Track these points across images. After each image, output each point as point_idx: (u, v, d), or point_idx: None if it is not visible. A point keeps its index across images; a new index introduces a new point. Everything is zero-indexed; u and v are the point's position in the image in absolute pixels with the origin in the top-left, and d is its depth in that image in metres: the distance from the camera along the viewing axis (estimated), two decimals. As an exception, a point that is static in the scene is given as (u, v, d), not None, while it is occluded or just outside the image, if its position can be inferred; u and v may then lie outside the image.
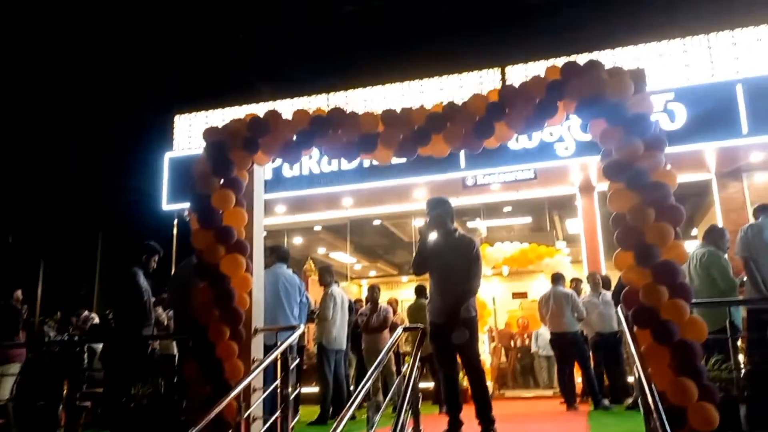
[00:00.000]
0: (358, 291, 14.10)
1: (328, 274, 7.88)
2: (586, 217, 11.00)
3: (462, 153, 9.60)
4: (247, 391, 4.61)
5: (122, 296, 6.40)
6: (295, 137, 4.99)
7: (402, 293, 13.64)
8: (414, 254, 5.58)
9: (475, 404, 5.13)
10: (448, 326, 5.16)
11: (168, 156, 11.06)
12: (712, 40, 9.65)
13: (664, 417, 3.24)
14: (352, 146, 5.00)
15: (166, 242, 10.20)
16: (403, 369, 4.56)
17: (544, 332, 10.26)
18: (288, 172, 10.23)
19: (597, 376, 8.31)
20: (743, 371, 4.74)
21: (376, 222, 13.12)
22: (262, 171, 5.49)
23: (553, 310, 8.37)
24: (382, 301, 9.25)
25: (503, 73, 10.17)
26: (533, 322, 12.08)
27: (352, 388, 8.40)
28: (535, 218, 12.93)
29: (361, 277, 15.56)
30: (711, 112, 8.93)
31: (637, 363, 3.80)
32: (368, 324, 9.05)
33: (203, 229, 4.90)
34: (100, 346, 8.00)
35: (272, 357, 4.56)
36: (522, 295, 14.10)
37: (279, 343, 4.76)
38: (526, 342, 12.74)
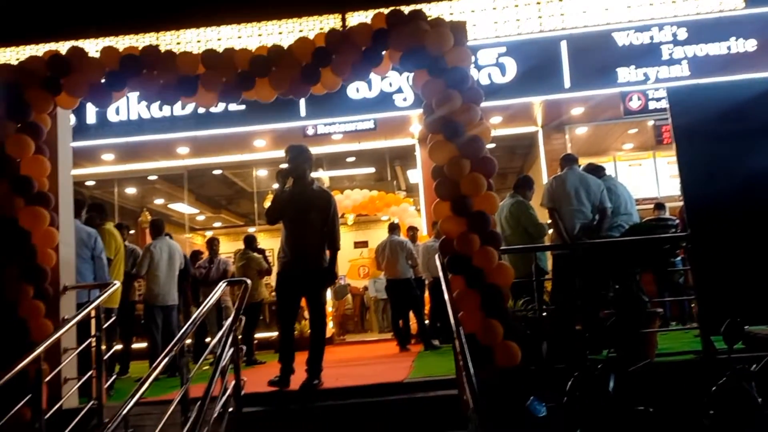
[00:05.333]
0: (202, 242, 13.63)
1: (154, 229, 7.55)
2: (425, 167, 11.27)
3: (303, 102, 9.40)
4: (57, 351, 4.30)
5: None
6: (103, 78, 4.58)
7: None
8: (270, 202, 5.32)
9: (310, 352, 5.17)
10: (298, 277, 5.10)
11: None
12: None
13: (468, 356, 3.44)
14: (170, 89, 4.68)
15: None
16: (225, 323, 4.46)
17: (382, 278, 10.55)
18: (114, 116, 9.41)
19: (433, 318, 8.71)
20: (547, 311, 5.15)
21: (217, 171, 12.62)
22: (67, 115, 5.01)
23: (389, 258, 8.65)
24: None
25: (344, 20, 9.97)
26: (373, 270, 12.42)
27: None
28: (378, 168, 13.10)
29: (205, 228, 15.03)
30: (538, 67, 9.33)
31: (449, 307, 3.99)
32: (207, 277, 8.87)
33: (-4, 179, 4.40)
34: None
35: (81, 315, 4.25)
36: (363, 244, 14.42)
37: (90, 302, 4.45)
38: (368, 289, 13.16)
